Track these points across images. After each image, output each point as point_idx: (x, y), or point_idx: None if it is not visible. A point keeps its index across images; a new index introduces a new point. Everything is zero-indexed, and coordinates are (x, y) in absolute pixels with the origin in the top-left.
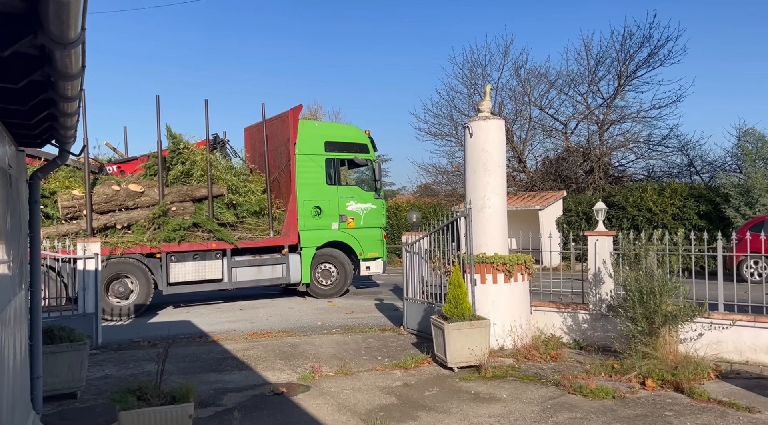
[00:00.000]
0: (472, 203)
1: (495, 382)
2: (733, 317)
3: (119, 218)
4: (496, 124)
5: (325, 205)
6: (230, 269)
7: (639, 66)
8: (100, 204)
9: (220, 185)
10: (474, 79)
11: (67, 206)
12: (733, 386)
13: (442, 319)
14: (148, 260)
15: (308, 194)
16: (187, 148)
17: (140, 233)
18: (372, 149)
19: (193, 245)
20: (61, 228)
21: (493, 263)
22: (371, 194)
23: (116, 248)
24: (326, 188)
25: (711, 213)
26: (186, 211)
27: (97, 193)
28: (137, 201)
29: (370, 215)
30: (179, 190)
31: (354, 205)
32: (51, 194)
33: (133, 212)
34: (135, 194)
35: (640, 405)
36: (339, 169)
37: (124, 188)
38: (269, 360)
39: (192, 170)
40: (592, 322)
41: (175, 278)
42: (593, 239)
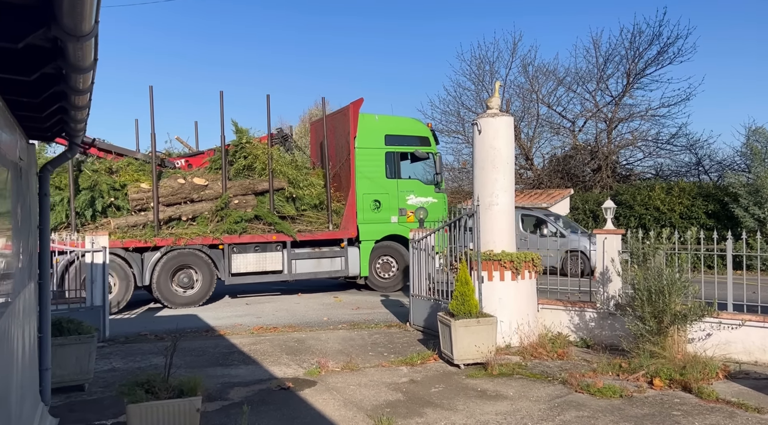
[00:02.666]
0: (479, 200)
1: (502, 380)
2: (742, 317)
3: (184, 210)
4: (505, 121)
5: (385, 198)
6: (290, 261)
7: (648, 64)
8: (167, 197)
9: (281, 178)
10: (482, 76)
11: (136, 199)
12: (742, 386)
13: (448, 316)
14: (211, 252)
15: (367, 188)
16: (250, 142)
17: (203, 225)
18: (434, 142)
19: (254, 238)
20: (130, 219)
21: (500, 261)
22: (432, 188)
23: (180, 239)
24: (386, 181)
25: (719, 213)
26: (248, 204)
27: (164, 186)
28: (201, 194)
29: (431, 209)
30: (241, 183)
31: (414, 199)
32: (122, 187)
33: (198, 205)
34: (199, 187)
35: (648, 405)
36: (399, 162)
37: (189, 182)
38: (276, 355)
39: (254, 163)
40: (599, 321)
41: (237, 269)
42: (602, 237)
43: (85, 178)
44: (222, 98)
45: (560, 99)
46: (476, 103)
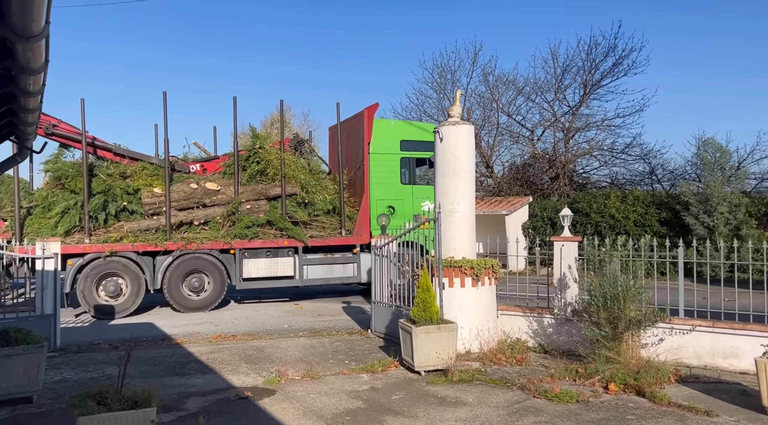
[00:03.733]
0: (441, 207)
1: (462, 386)
2: (692, 322)
3: (196, 214)
4: (466, 129)
5: (399, 204)
6: (301, 267)
7: (604, 75)
8: (179, 201)
9: (294, 183)
10: (443, 84)
11: (149, 203)
12: (693, 390)
13: (410, 323)
14: (223, 256)
15: (381, 194)
16: (263, 148)
17: (215, 230)
18: None
19: (265, 243)
20: (143, 224)
21: (461, 268)
22: None
23: (191, 244)
24: (400, 187)
25: (672, 220)
26: (260, 209)
27: (176, 190)
28: (214, 199)
29: None
30: (254, 188)
31: (429, 205)
32: (135, 191)
33: (210, 209)
34: (212, 191)
35: (604, 409)
36: (414, 168)
37: (202, 186)
38: (234, 364)
39: (267, 169)
40: (557, 326)
41: (248, 274)
42: (559, 244)
43: (99, 182)
44: (235, 104)
45: (520, 108)
46: (438, 111)
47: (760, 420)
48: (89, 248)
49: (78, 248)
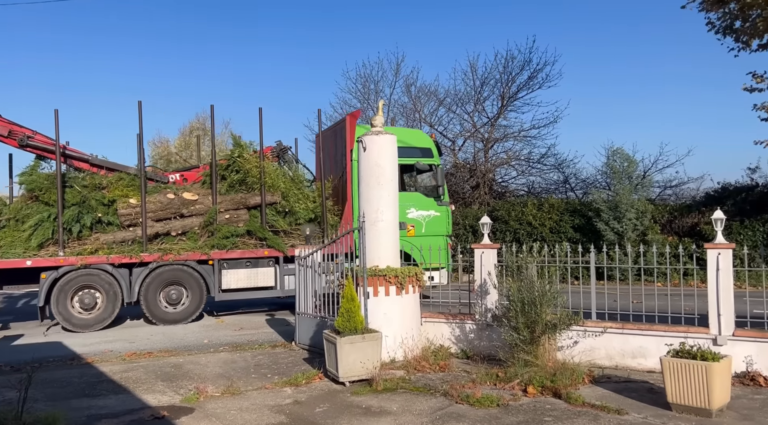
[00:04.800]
0: (365, 216)
1: (386, 395)
2: (604, 324)
3: (174, 225)
4: (389, 139)
5: None
6: (282, 277)
7: (520, 88)
8: (156, 212)
9: (274, 192)
10: (367, 94)
11: (125, 214)
12: (605, 390)
13: (334, 333)
14: (201, 267)
15: None
16: (242, 156)
17: (194, 241)
18: (437, 153)
19: (245, 253)
20: (118, 235)
21: (385, 276)
22: (433, 201)
23: (167, 255)
24: None
25: (585, 227)
26: (240, 218)
27: (153, 201)
28: (192, 209)
29: (433, 223)
30: (233, 198)
31: (415, 212)
32: (111, 203)
33: (188, 220)
34: (189, 201)
35: (522, 412)
36: (399, 174)
37: (179, 196)
38: (150, 382)
39: (247, 177)
40: (478, 332)
41: (228, 285)
42: (479, 251)
43: (74, 193)
44: (213, 112)
45: (441, 119)
46: (363, 121)
47: (665, 416)
48: (63, 261)
49: (51, 262)
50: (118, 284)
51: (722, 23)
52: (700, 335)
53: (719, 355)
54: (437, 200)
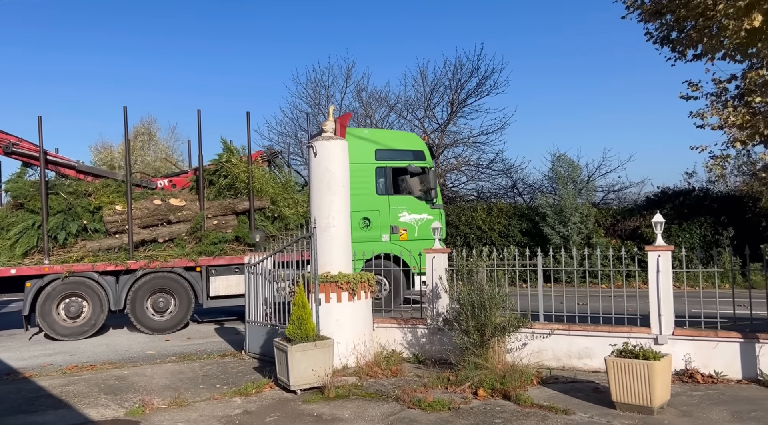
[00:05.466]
0: (316, 222)
1: (338, 402)
2: (551, 326)
3: (161, 232)
4: (340, 144)
5: (375, 216)
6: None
7: (469, 94)
8: (142, 218)
9: (263, 197)
10: (318, 100)
11: (111, 221)
12: (553, 390)
13: (285, 341)
14: (189, 274)
15: (356, 205)
16: (230, 161)
17: (181, 247)
18: (429, 156)
19: (233, 259)
20: (104, 242)
21: (337, 282)
22: (426, 204)
23: (154, 262)
24: (376, 198)
25: (532, 231)
26: (228, 224)
27: (139, 207)
28: (179, 215)
29: (426, 226)
30: (221, 203)
31: (407, 216)
32: (97, 209)
33: (175, 226)
34: (176, 208)
35: (473, 415)
36: (391, 178)
37: (166, 203)
38: (92, 396)
39: (235, 183)
40: (430, 336)
41: (216, 292)
42: (430, 256)
43: (60, 200)
44: (200, 117)
45: (392, 125)
46: (314, 125)
47: (610, 415)
48: (48, 269)
49: (35, 270)
50: (105, 291)
51: (660, 34)
52: (642, 335)
53: (660, 354)
54: (430, 203)
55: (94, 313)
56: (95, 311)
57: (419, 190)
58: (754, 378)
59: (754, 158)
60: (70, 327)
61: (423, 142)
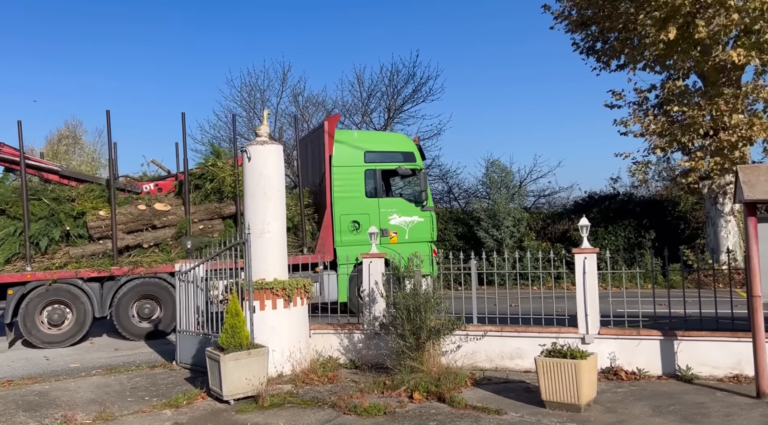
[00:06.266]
0: (251, 228)
1: (273, 411)
2: (484, 328)
3: (146, 237)
4: (275, 149)
5: (364, 219)
6: None
7: (405, 100)
8: (127, 224)
9: None
10: (253, 103)
11: (94, 227)
12: (485, 391)
13: (218, 350)
14: (175, 280)
15: (345, 208)
16: (215, 165)
17: (166, 253)
18: (419, 157)
19: (219, 264)
20: (88, 248)
21: (272, 289)
22: (417, 207)
23: (138, 268)
24: (365, 200)
25: (467, 235)
26: (214, 229)
27: (123, 213)
28: (164, 220)
29: (417, 229)
30: (207, 207)
31: (397, 218)
32: (81, 215)
33: (160, 231)
34: (161, 212)
35: (408, 418)
36: (380, 180)
37: (151, 207)
38: (9, 413)
39: (221, 186)
40: (366, 341)
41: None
42: (367, 261)
43: (42, 206)
44: (184, 119)
45: None
46: (249, 130)
47: (540, 413)
48: (30, 276)
49: (17, 277)
50: (89, 298)
51: (585, 44)
52: (570, 334)
53: (586, 353)
54: (421, 205)
55: (78, 320)
56: (79, 319)
57: (409, 191)
58: (673, 374)
59: (673, 164)
60: (53, 335)
61: (413, 143)
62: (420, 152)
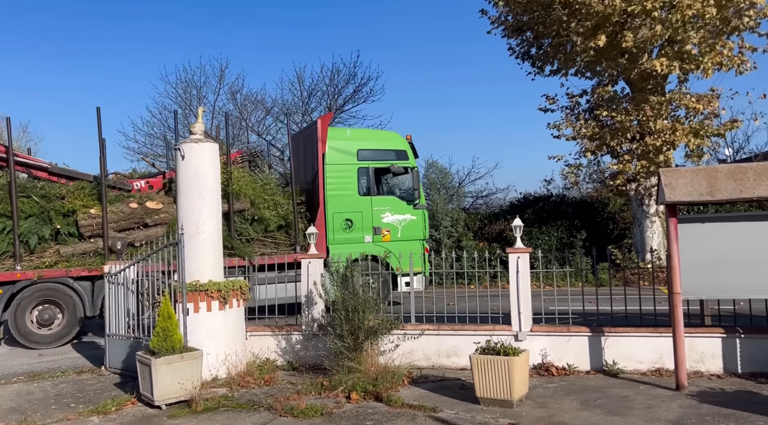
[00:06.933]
0: (184, 228)
1: (206, 415)
2: (422, 327)
3: (137, 235)
4: (210, 147)
5: (357, 217)
6: (252, 287)
7: (346, 101)
8: (118, 222)
9: (243, 199)
10: (189, 100)
11: (85, 225)
12: (422, 390)
13: (149, 354)
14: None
15: (338, 206)
16: None
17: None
18: (412, 156)
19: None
20: (78, 247)
21: (207, 291)
22: (409, 205)
23: None
24: (358, 198)
25: None
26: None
27: (115, 211)
28: (155, 218)
29: (409, 227)
30: None
31: (390, 216)
32: (72, 213)
33: (152, 230)
34: (153, 211)
35: (345, 419)
36: (373, 178)
37: (143, 205)
38: None
39: None
40: (304, 342)
41: None
42: (306, 262)
43: (32, 204)
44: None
45: (269, 128)
46: (184, 127)
47: (474, 410)
48: (20, 275)
49: (6, 276)
50: (80, 298)
51: (521, 49)
52: (505, 332)
53: (519, 350)
54: (413, 203)
55: (69, 320)
56: (69, 319)
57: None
58: (600, 369)
59: (602, 167)
60: (44, 335)
61: (405, 141)
62: (412, 150)
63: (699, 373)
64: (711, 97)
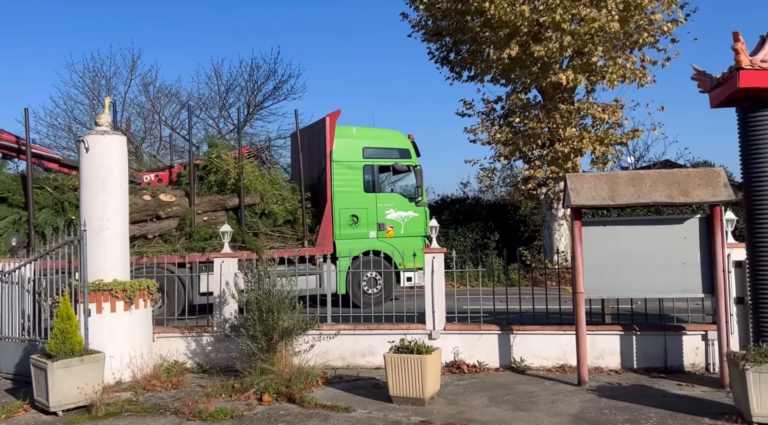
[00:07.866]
0: (87, 224)
1: (108, 420)
2: (338, 327)
3: (150, 227)
4: (117, 140)
5: (363, 213)
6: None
7: (266, 97)
8: (132, 214)
9: (253, 194)
10: (97, 91)
11: None
12: (336, 390)
13: (45, 358)
14: (179, 270)
15: (344, 202)
16: (219, 157)
17: (170, 244)
18: (415, 154)
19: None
20: None
21: (111, 291)
22: (412, 202)
23: (142, 259)
24: (364, 195)
25: None
26: (218, 220)
27: (129, 203)
28: (168, 211)
29: (412, 224)
30: (211, 199)
31: (394, 213)
32: None
33: (165, 222)
34: (166, 203)
35: (256, 421)
36: (378, 175)
37: (156, 198)
38: None
39: (225, 179)
40: (216, 344)
41: (206, 289)
42: (219, 260)
43: (46, 195)
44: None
45: (184, 122)
46: (91, 118)
47: (387, 409)
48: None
49: None
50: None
51: (440, 54)
52: (419, 331)
53: (432, 348)
54: (415, 200)
55: None
56: None
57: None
58: (509, 366)
59: (515, 171)
60: None
61: (408, 140)
62: (415, 148)
63: (599, 369)
64: (615, 108)
